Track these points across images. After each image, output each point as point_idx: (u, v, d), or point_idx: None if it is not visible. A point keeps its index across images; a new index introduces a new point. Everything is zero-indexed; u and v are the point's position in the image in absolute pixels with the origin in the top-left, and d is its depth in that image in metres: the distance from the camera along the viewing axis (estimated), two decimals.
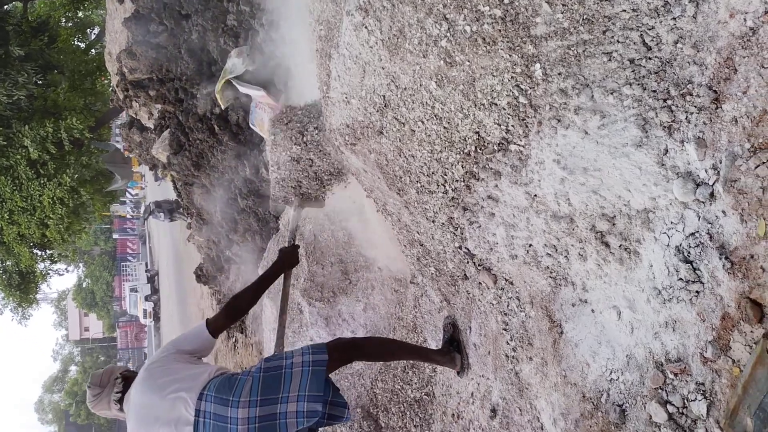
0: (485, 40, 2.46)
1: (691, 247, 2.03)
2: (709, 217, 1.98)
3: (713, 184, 1.96)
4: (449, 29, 2.59)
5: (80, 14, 22.16)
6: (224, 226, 8.55)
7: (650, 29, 2.08)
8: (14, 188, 15.53)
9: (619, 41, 2.15)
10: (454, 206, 3.04)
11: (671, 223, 2.11)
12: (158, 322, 35.10)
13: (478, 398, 3.31)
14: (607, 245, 2.35)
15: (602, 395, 2.40)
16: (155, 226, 36.17)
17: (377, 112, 3.15)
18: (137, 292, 38.79)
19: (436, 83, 2.74)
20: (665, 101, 2.08)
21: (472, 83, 2.60)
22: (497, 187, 2.74)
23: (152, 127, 10.59)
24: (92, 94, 18.49)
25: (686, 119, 2.03)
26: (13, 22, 15.71)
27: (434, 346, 3.82)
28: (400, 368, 4.18)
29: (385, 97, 3.05)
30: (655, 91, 2.10)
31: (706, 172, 1.98)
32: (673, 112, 2.06)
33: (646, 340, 2.23)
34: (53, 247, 18.42)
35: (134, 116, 11.45)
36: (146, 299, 35.71)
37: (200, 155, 8.45)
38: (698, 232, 2.01)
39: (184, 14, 7.88)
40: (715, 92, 1.95)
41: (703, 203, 2.00)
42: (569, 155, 2.37)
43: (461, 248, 3.20)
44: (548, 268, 2.67)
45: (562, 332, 2.63)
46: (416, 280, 4.02)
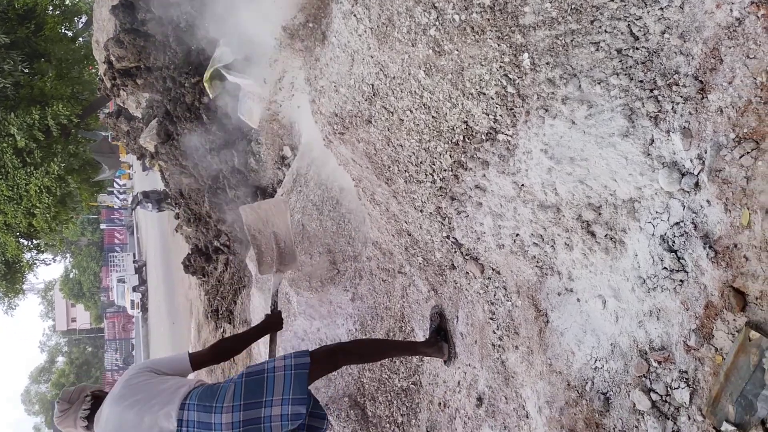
0: (474, 29, 2.46)
1: (675, 236, 2.05)
2: (693, 206, 2.00)
3: (698, 173, 1.97)
4: (438, 18, 2.59)
5: (67, 2, 21.91)
6: (212, 216, 8.52)
7: (638, 19, 2.09)
8: (0, 177, 15.38)
9: (606, 31, 2.16)
10: (442, 196, 3.04)
11: (656, 212, 2.12)
12: (146, 313, 34.97)
13: (464, 387, 3.33)
14: (593, 235, 2.36)
15: (587, 383, 2.42)
16: (143, 216, 35.97)
17: (366, 100, 3.14)
18: (125, 282, 38.58)
19: (424, 72, 2.74)
20: (652, 91, 2.09)
21: (460, 72, 2.60)
22: (485, 176, 2.75)
23: (140, 116, 10.51)
24: (79, 82, 18.29)
25: (672, 109, 2.04)
26: None
27: (422, 335, 3.84)
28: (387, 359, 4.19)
29: (373, 85, 3.05)
30: (641, 81, 2.11)
31: (691, 162, 2.00)
32: (659, 102, 2.07)
33: (630, 328, 2.25)
34: (40, 236, 18.28)
35: (122, 105, 11.37)
36: (134, 290, 35.53)
37: (188, 145, 8.41)
38: (683, 221, 2.03)
39: (172, 2, 7.81)
40: (701, 82, 1.96)
41: (688, 193, 2.01)
42: (556, 145, 2.38)
43: (449, 238, 3.20)
44: (535, 257, 2.68)
45: (548, 321, 2.65)
46: (404, 269, 4.02)
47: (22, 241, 18.45)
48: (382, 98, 3.04)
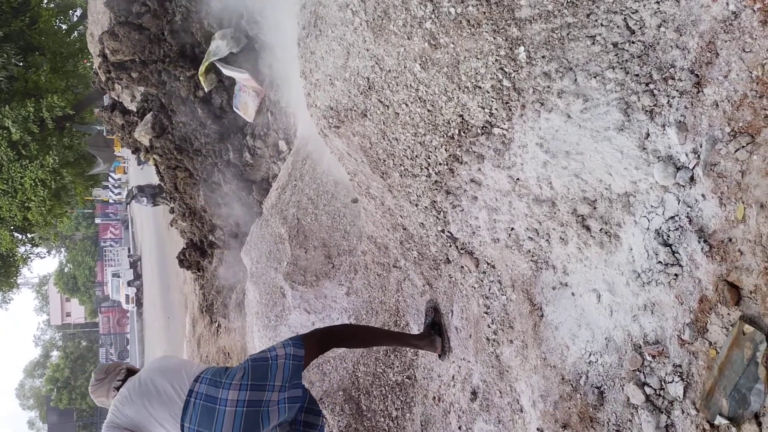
0: (470, 22, 2.45)
1: (670, 230, 2.05)
2: (688, 200, 1.99)
3: (693, 167, 1.97)
4: (434, 11, 2.57)
5: None
6: (207, 210, 8.49)
7: (634, 13, 2.08)
8: None
9: (603, 25, 2.15)
10: (437, 190, 3.04)
11: (651, 206, 2.12)
12: (141, 307, 34.90)
13: (459, 381, 3.33)
14: (588, 229, 2.36)
15: (581, 377, 2.42)
16: (138, 210, 35.86)
17: (361, 94, 3.13)
18: (120, 277, 38.54)
19: (420, 65, 2.73)
20: (647, 85, 2.08)
21: (456, 66, 2.59)
22: (480, 170, 2.74)
23: (135, 109, 10.46)
24: (74, 76, 18.20)
25: (668, 103, 2.04)
26: None
27: (416, 329, 3.84)
28: (382, 352, 4.19)
29: (369, 79, 3.03)
30: (637, 75, 2.11)
31: (686, 156, 2.00)
32: (655, 96, 2.07)
33: (624, 322, 2.25)
34: (34, 230, 18.21)
35: (116, 99, 11.31)
36: (129, 284, 35.45)
37: (183, 139, 8.37)
38: (678, 215, 2.03)
39: None
40: (696, 76, 1.96)
41: (683, 187, 2.01)
42: (552, 139, 2.37)
43: (444, 232, 3.20)
44: (530, 251, 2.68)
45: (542, 315, 2.65)
46: (399, 264, 4.02)
47: (16, 234, 18.37)
48: (377, 91, 3.03)
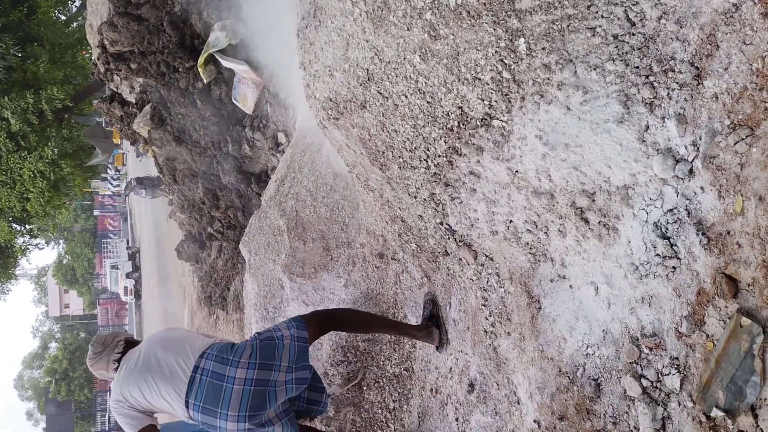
0: (470, 13, 2.44)
1: (669, 223, 2.05)
2: (687, 193, 1.99)
3: (692, 160, 1.97)
4: (434, 2, 2.56)
5: None
6: (206, 202, 8.48)
7: (634, 4, 2.07)
8: None
9: (603, 16, 2.14)
10: (436, 182, 3.04)
11: (650, 199, 2.12)
12: (139, 299, 34.92)
13: (456, 373, 3.34)
14: (586, 221, 2.36)
15: (578, 369, 2.42)
16: (137, 202, 35.85)
17: (360, 85, 3.12)
18: (118, 269, 38.53)
19: (420, 57, 2.72)
20: (647, 77, 2.08)
21: (456, 57, 2.58)
22: (479, 162, 2.74)
23: (133, 101, 10.43)
24: (73, 67, 18.16)
25: (668, 96, 2.03)
26: None
27: (414, 322, 3.84)
28: (380, 343, 4.19)
29: (368, 70, 3.02)
30: (637, 67, 2.10)
31: (685, 148, 1.99)
32: (654, 88, 2.07)
33: (622, 315, 2.25)
34: (33, 221, 18.21)
35: (115, 90, 11.27)
36: (127, 276, 35.47)
37: (182, 130, 8.35)
38: (676, 208, 2.03)
39: None
40: (696, 69, 1.95)
41: (682, 179, 2.01)
42: (551, 131, 2.37)
43: (442, 224, 3.20)
44: (528, 244, 2.68)
45: (540, 308, 2.65)
46: (397, 256, 4.02)
47: (15, 225, 18.36)
48: (376, 83, 3.02)
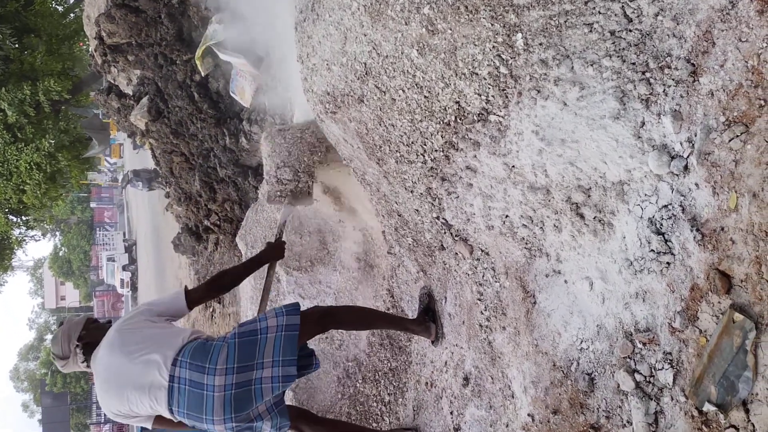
0: (468, 8, 2.45)
1: (663, 219, 2.06)
2: (682, 189, 2.00)
3: (688, 156, 1.98)
4: None
5: None
6: (203, 195, 8.48)
7: (632, 1, 2.08)
8: None
9: (600, 12, 2.15)
10: (432, 176, 3.04)
11: (645, 195, 2.13)
12: (135, 291, 34.89)
13: (451, 367, 3.35)
14: (581, 217, 2.37)
15: (572, 364, 2.44)
16: (133, 195, 35.78)
17: (358, 79, 3.12)
18: (114, 261, 38.52)
19: (417, 51, 2.72)
20: (644, 74, 2.09)
21: (453, 52, 2.59)
22: (476, 157, 2.75)
23: (131, 93, 10.41)
24: (70, 58, 18.06)
25: (664, 92, 2.04)
26: None
27: (410, 315, 3.85)
28: (375, 337, 4.20)
29: (366, 64, 3.03)
30: (634, 63, 2.11)
31: (681, 144, 2.00)
32: (651, 84, 2.07)
33: (616, 310, 2.27)
34: (30, 213, 18.16)
35: (113, 82, 11.24)
36: (123, 269, 35.44)
37: (179, 123, 8.34)
38: (671, 204, 2.04)
39: None
40: (693, 65, 1.96)
41: (677, 176, 2.02)
42: (548, 126, 2.38)
43: (439, 219, 3.21)
44: (524, 239, 2.69)
45: (535, 302, 2.66)
46: (393, 250, 4.03)
47: (11, 217, 18.32)
48: (374, 77, 3.02)
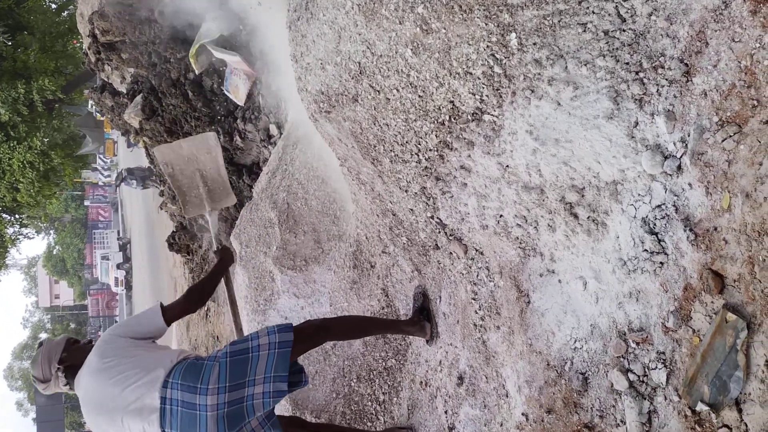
0: (462, 7, 2.44)
1: (657, 218, 2.07)
2: (675, 189, 2.01)
3: (681, 156, 1.98)
4: None
5: None
6: None
7: (625, 1, 2.08)
8: None
9: (594, 12, 2.15)
10: (427, 176, 3.04)
11: (638, 195, 2.14)
12: (130, 290, 34.81)
13: (445, 366, 3.36)
14: (575, 216, 2.37)
15: (566, 363, 2.44)
16: (127, 193, 35.69)
17: (352, 79, 3.12)
18: (109, 259, 38.49)
19: (411, 51, 2.72)
20: (637, 74, 2.09)
21: (447, 52, 2.58)
22: (470, 157, 2.74)
23: (125, 91, 10.37)
24: (63, 56, 18.02)
25: (657, 92, 2.05)
26: None
27: (405, 315, 3.85)
28: (370, 337, 4.20)
29: (360, 63, 3.02)
30: (627, 63, 2.11)
31: (674, 144, 2.01)
32: (644, 84, 2.08)
33: (610, 309, 2.27)
34: (24, 211, 18.12)
35: (106, 80, 11.20)
36: (118, 267, 35.36)
37: (173, 121, 8.31)
38: (664, 204, 2.04)
39: None
40: (686, 65, 1.96)
41: (670, 176, 2.02)
42: (542, 126, 2.38)
43: (433, 218, 3.21)
44: (518, 238, 2.69)
45: (529, 302, 2.67)
46: (388, 249, 4.03)
47: (5, 215, 18.27)
48: (368, 76, 3.02)
